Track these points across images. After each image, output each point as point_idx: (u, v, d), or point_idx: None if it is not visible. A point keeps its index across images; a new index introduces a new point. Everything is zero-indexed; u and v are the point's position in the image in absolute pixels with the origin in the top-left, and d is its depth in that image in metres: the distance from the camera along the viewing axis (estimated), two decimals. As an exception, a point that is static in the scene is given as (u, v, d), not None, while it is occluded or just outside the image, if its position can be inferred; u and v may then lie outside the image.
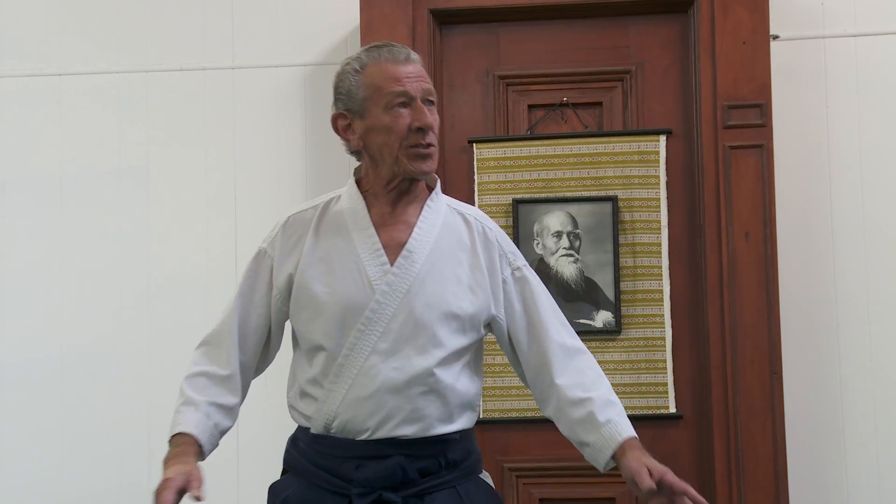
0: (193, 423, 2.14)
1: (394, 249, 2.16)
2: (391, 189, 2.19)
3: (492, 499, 2.24)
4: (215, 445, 2.20)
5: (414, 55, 2.20)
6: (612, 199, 3.51)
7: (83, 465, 3.66)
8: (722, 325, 3.39)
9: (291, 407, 2.24)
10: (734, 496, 3.34)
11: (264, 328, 2.26)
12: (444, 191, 3.53)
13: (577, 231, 3.53)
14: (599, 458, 2.16)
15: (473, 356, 2.24)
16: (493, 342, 3.47)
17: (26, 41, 3.78)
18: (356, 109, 2.17)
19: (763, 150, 3.42)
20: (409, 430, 2.12)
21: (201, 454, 2.15)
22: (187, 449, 2.10)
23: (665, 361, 3.48)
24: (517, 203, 3.53)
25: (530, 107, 3.63)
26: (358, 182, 2.24)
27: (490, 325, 2.26)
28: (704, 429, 3.47)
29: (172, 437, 2.14)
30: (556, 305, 2.28)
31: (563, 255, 3.53)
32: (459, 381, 2.17)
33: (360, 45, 3.52)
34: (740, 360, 3.37)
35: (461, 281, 2.18)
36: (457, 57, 3.65)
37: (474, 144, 3.57)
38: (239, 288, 2.26)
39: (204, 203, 3.71)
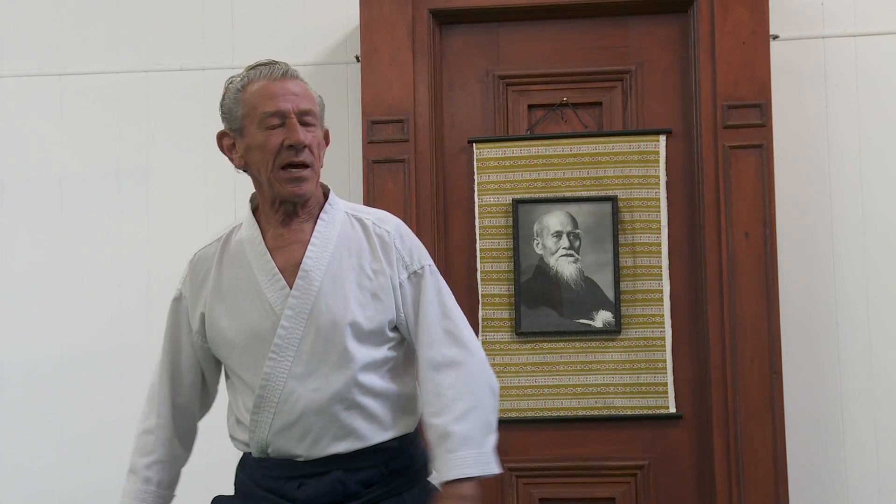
0: (133, 495, 2.24)
1: (292, 271, 2.13)
2: (278, 210, 2.17)
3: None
4: (167, 498, 2.27)
5: (293, 71, 2.16)
6: (612, 199, 3.51)
7: (83, 465, 3.66)
8: (722, 324, 3.39)
9: (231, 437, 2.24)
10: (734, 496, 3.34)
11: (196, 368, 2.27)
12: (445, 191, 3.56)
13: (577, 231, 3.53)
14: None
15: (400, 359, 2.21)
16: (492, 342, 3.49)
17: (26, 41, 3.79)
18: (237, 128, 2.16)
19: (763, 149, 3.42)
20: (341, 447, 2.11)
21: None
22: None
23: (665, 361, 3.47)
24: (517, 203, 3.53)
25: (530, 107, 3.63)
26: (256, 209, 2.24)
27: (399, 329, 2.20)
28: (704, 429, 3.47)
29: None
30: (451, 310, 2.19)
31: (562, 255, 3.53)
32: (385, 388, 2.15)
33: (359, 45, 3.52)
34: (740, 359, 3.37)
35: (364, 289, 2.14)
36: (456, 57, 3.65)
37: (474, 144, 3.57)
38: (164, 335, 2.28)
39: (203, 203, 3.71)
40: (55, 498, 3.67)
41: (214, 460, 2.66)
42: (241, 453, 2.25)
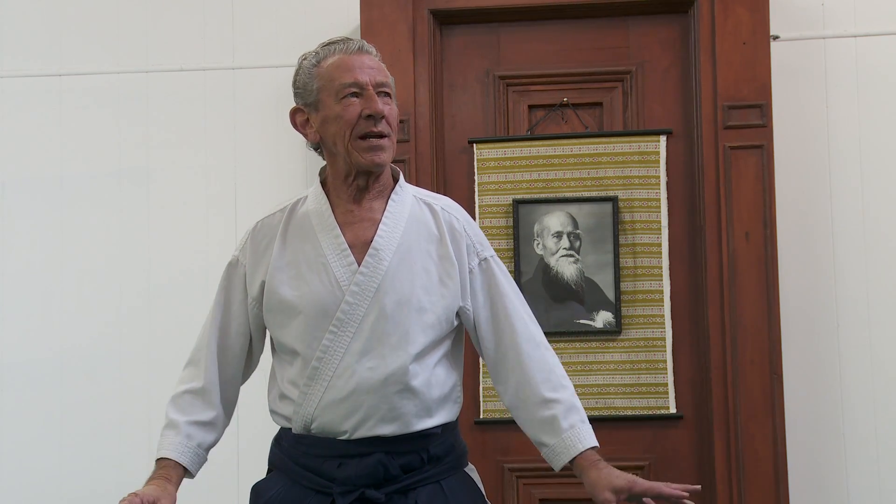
0: (174, 448, 2.19)
1: (360, 248, 2.15)
2: (351, 184, 2.19)
3: (476, 494, 2.24)
4: (204, 460, 2.24)
5: (368, 47, 2.21)
6: (613, 200, 3.51)
7: (83, 465, 3.66)
8: (722, 325, 3.39)
9: (272, 411, 2.25)
10: (734, 497, 3.34)
11: (245, 337, 2.26)
12: (445, 191, 3.56)
13: (578, 231, 3.53)
14: (556, 461, 2.19)
15: (450, 348, 2.23)
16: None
17: (27, 41, 3.78)
18: (311, 102, 2.19)
19: (763, 150, 3.42)
20: (387, 429, 2.12)
21: (186, 473, 2.21)
22: (168, 473, 2.16)
23: (665, 362, 3.47)
24: (517, 203, 3.53)
25: (530, 107, 3.63)
26: (323, 182, 2.25)
27: (459, 315, 2.24)
28: (705, 429, 3.47)
29: (157, 460, 2.19)
30: (523, 298, 2.27)
31: (563, 256, 3.53)
32: (435, 375, 2.17)
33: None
34: (740, 360, 3.37)
35: (430, 274, 2.17)
36: (457, 57, 3.65)
37: (474, 145, 3.57)
38: (215, 299, 2.27)
39: (204, 203, 3.71)
40: (55, 498, 3.67)
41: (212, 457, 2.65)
42: (268, 439, 2.27)
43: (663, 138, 3.52)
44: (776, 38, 3.50)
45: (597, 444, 2.17)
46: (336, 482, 2.11)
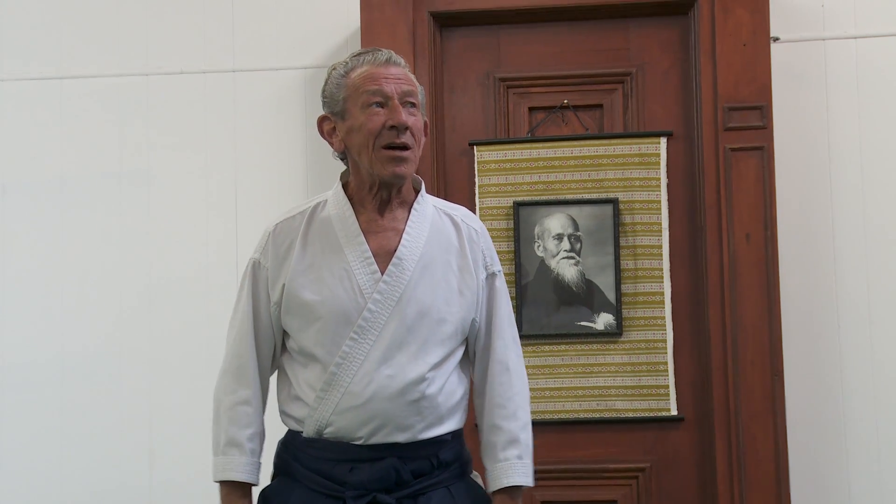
0: (243, 469, 2.19)
1: (383, 257, 2.17)
2: (375, 195, 2.20)
3: (482, 499, 2.27)
4: (260, 466, 2.25)
5: (397, 58, 2.22)
6: (613, 202, 3.51)
7: (83, 465, 3.65)
8: (723, 326, 3.39)
9: (282, 412, 2.25)
10: (735, 497, 3.34)
11: (273, 339, 2.26)
12: (446, 194, 3.56)
13: (578, 233, 3.53)
14: (488, 486, 2.27)
15: (461, 357, 2.26)
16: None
17: (27, 44, 3.79)
18: (338, 111, 2.20)
19: (763, 151, 3.42)
20: (402, 436, 2.14)
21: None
22: (241, 501, 2.20)
23: (666, 364, 3.47)
24: (518, 205, 3.53)
25: (531, 109, 3.63)
26: (344, 186, 2.25)
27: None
28: (706, 431, 3.46)
29: (226, 482, 2.19)
30: (513, 318, 2.32)
31: (563, 258, 3.53)
32: (449, 384, 2.20)
33: (360, 48, 3.52)
34: (741, 361, 3.37)
35: (451, 285, 2.20)
36: (457, 59, 3.65)
37: (475, 147, 3.57)
38: (242, 304, 2.25)
39: (204, 206, 3.71)
40: (55, 498, 3.66)
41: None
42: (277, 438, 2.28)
43: (663, 140, 3.52)
44: (776, 39, 3.50)
45: (528, 482, 2.24)
46: (347, 486, 2.12)
